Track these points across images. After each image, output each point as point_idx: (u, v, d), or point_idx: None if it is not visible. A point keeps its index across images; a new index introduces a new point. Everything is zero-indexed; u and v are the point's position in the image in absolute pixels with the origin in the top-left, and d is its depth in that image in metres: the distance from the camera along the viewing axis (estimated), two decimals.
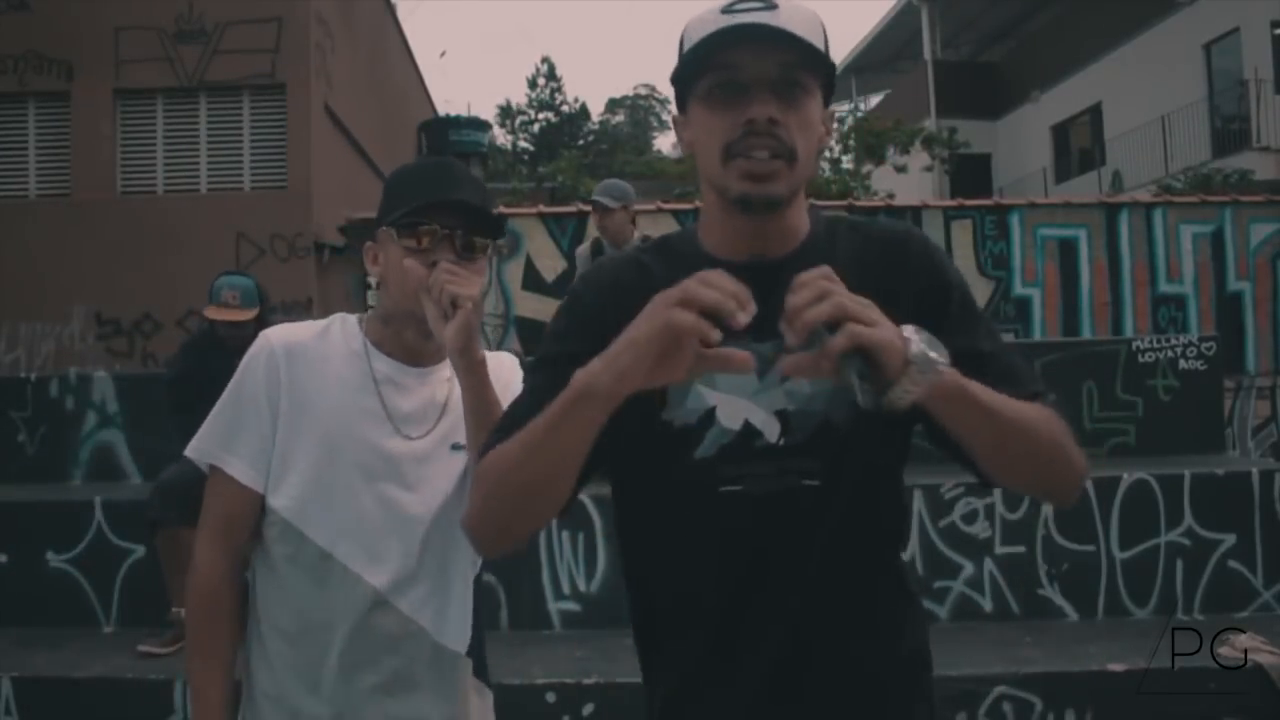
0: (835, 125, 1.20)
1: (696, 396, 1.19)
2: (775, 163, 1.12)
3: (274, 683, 1.46)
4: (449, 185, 1.42)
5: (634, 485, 1.27)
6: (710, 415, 1.19)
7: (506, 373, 1.54)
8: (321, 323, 1.54)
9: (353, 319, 1.54)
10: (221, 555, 1.45)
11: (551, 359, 1.19)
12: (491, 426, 1.26)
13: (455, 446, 1.48)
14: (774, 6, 1.11)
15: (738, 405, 1.18)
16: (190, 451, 1.48)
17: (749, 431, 1.18)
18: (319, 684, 1.43)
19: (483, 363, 1.39)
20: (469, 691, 1.54)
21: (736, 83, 1.12)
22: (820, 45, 1.13)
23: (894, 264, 1.21)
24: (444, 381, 1.51)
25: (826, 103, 1.19)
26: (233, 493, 1.45)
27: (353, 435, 1.44)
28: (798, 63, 1.12)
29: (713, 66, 1.13)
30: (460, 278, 1.36)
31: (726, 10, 1.12)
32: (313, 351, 1.48)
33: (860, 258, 1.20)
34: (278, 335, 1.49)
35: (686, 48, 1.16)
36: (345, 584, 1.43)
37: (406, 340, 1.49)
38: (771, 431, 1.18)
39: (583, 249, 5.30)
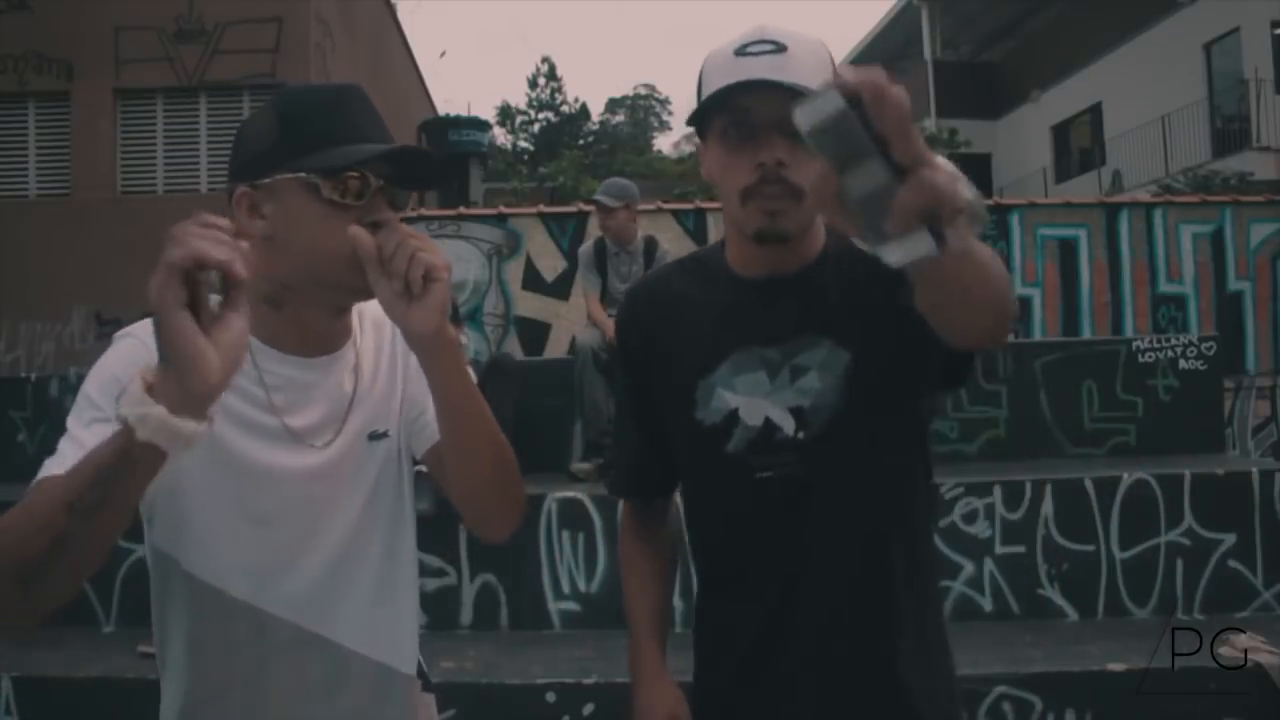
0: None
1: (720, 399, 1.33)
2: (786, 201, 1.23)
3: None
4: (378, 123, 1.16)
5: (687, 478, 1.44)
6: (734, 415, 1.32)
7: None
8: None
9: None
10: None
11: (623, 382, 1.51)
12: (474, 421, 1.16)
13: (373, 436, 1.24)
14: (783, 49, 1.20)
15: (757, 404, 1.31)
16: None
17: (770, 426, 1.31)
18: None
19: (457, 344, 1.12)
20: (418, 709, 1.33)
21: (748, 123, 1.22)
22: None
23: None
24: (349, 371, 1.24)
25: None
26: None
27: (255, 465, 1.16)
28: None
29: (725, 109, 1.23)
30: (425, 242, 1.07)
31: (740, 53, 1.22)
32: None
33: (861, 259, 1.21)
34: (145, 334, 1.08)
35: (704, 90, 1.25)
36: (277, 634, 1.18)
37: (312, 323, 1.19)
38: (788, 426, 1.30)
39: (585, 247, 5.30)
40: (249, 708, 1.20)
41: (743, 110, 1.21)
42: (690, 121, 1.28)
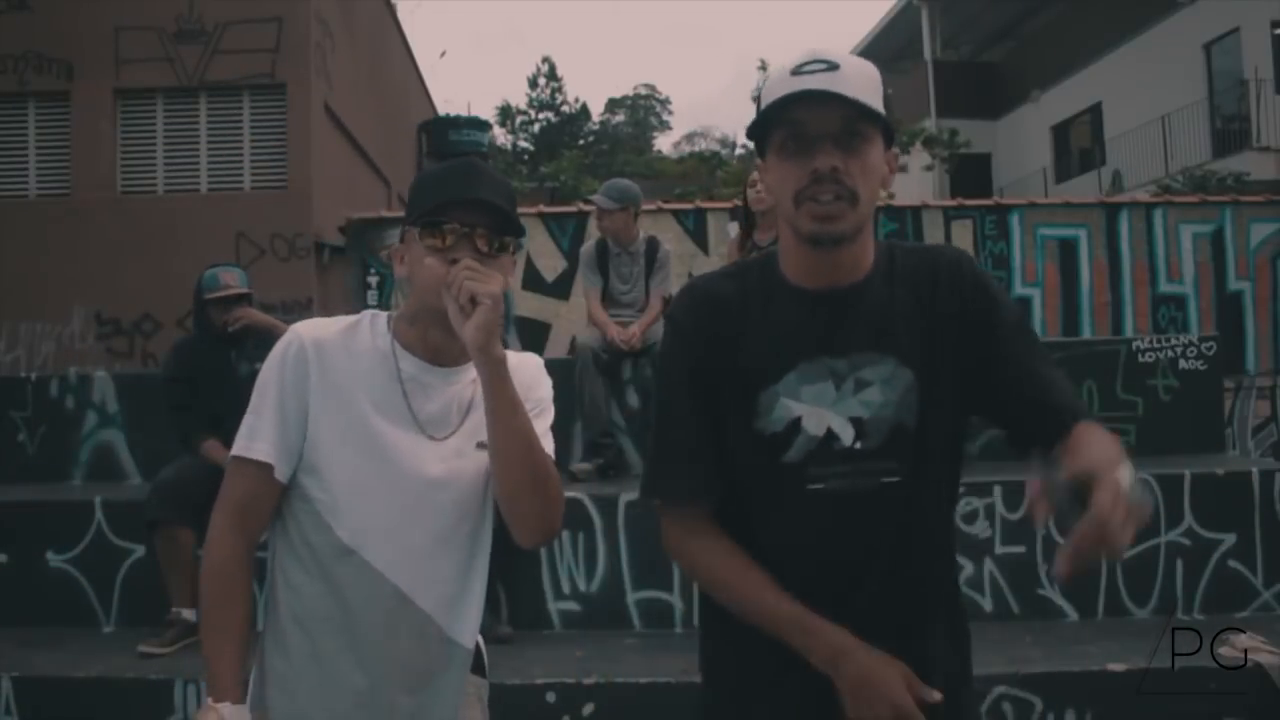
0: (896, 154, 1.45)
1: (784, 408, 1.37)
2: (839, 204, 1.30)
3: (289, 670, 1.47)
4: (471, 184, 1.44)
5: (737, 491, 1.43)
6: (796, 424, 1.37)
7: (530, 373, 1.56)
8: (349, 319, 1.55)
9: (382, 318, 1.55)
10: (237, 536, 1.46)
11: (677, 381, 1.43)
12: (511, 425, 1.40)
13: (481, 445, 1.49)
14: (836, 67, 1.29)
15: (820, 414, 1.37)
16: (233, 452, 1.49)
17: (830, 436, 1.36)
18: (335, 676, 1.45)
19: (502, 361, 1.39)
20: (469, 688, 1.57)
21: (804, 136, 1.31)
22: (876, 100, 1.31)
23: (930, 279, 1.41)
24: (469, 382, 1.52)
25: (889, 145, 1.38)
26: (250, 475, 1.46)
27: (380, 435, 1.46)
28: (857, 116, 1.30)
29: (783, 122, 1.32)
30: (480, 274, 1.36)
31: (795, 72, 1.31)
32: (341, 348, 1.49)
33: (912, 277, 1.41)
34: (307, 329, 1.50)
35: (763, 106, 1.34)
36: (367, 581, 1.45)
37: (432, 340, 1.50)
38: (847, 436, 1.36)
39: (587, 247, 5.29)
40: (344, 643, 1.45)
41: (799, 123, 1.30)
42: (750, 135, 1.37)
